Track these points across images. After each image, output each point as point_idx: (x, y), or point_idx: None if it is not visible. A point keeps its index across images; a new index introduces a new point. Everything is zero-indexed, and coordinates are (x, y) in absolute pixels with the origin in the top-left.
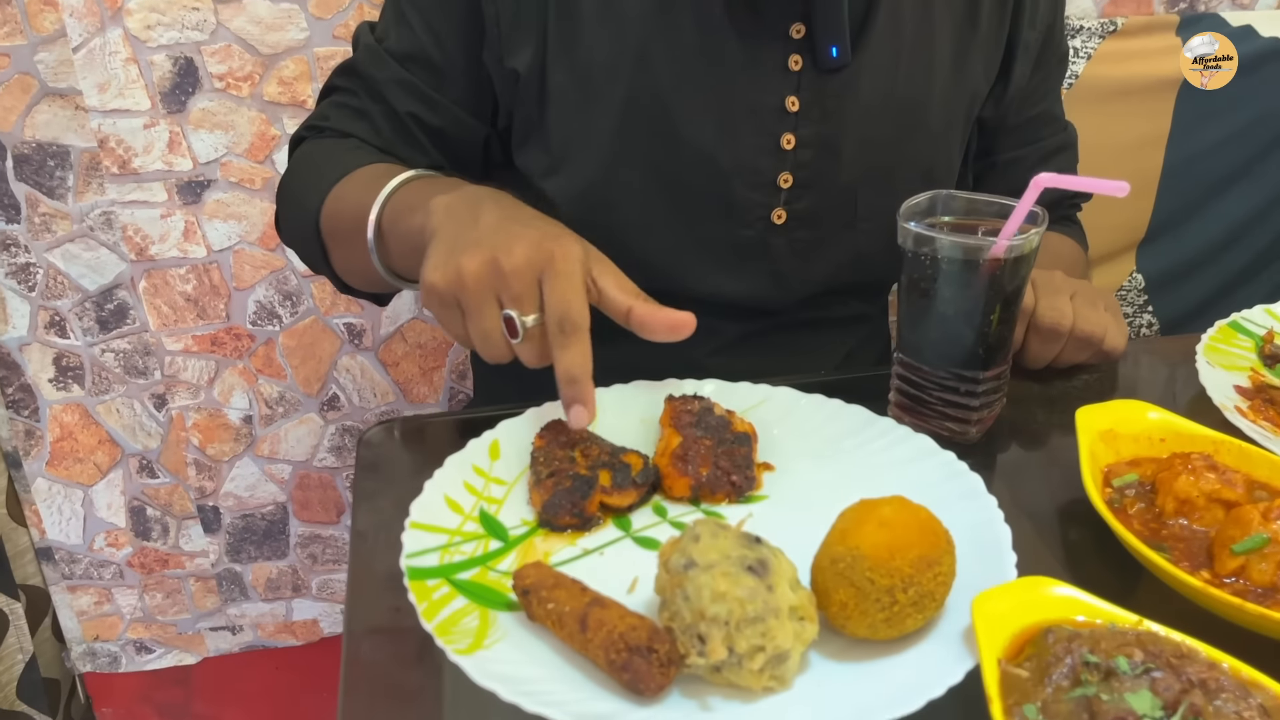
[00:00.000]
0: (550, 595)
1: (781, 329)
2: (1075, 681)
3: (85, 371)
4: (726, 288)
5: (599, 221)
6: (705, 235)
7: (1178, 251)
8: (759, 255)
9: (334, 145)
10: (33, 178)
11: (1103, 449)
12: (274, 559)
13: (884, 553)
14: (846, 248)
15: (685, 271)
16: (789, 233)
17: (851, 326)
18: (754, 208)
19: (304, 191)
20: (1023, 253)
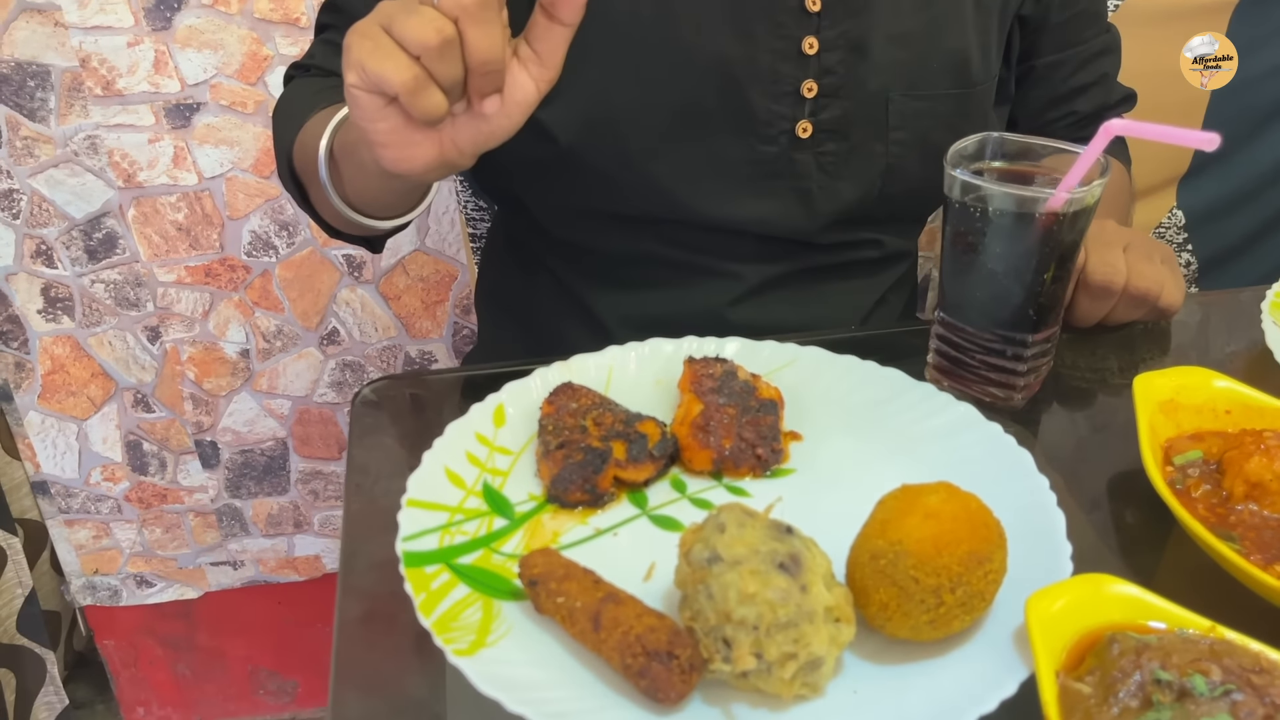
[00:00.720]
0: (560, 588)
1: (808, 275)
2: (1145, 702)
3: (75, 303)
4: (749, 211)
5: (605, 148)
6: (723, 155)
7: (1221, 186)
8: (783, 173)
9: (312, 84)
10: (12, 99)
11: (1163, 421)
12: (274, 495)
13: (930, 548)
14: (877, 162)
15: (703, 195)
16: (815, 147)
17: (882, 271)
18: (776, 121)
19: (281, 132)
20: (1083, 205)
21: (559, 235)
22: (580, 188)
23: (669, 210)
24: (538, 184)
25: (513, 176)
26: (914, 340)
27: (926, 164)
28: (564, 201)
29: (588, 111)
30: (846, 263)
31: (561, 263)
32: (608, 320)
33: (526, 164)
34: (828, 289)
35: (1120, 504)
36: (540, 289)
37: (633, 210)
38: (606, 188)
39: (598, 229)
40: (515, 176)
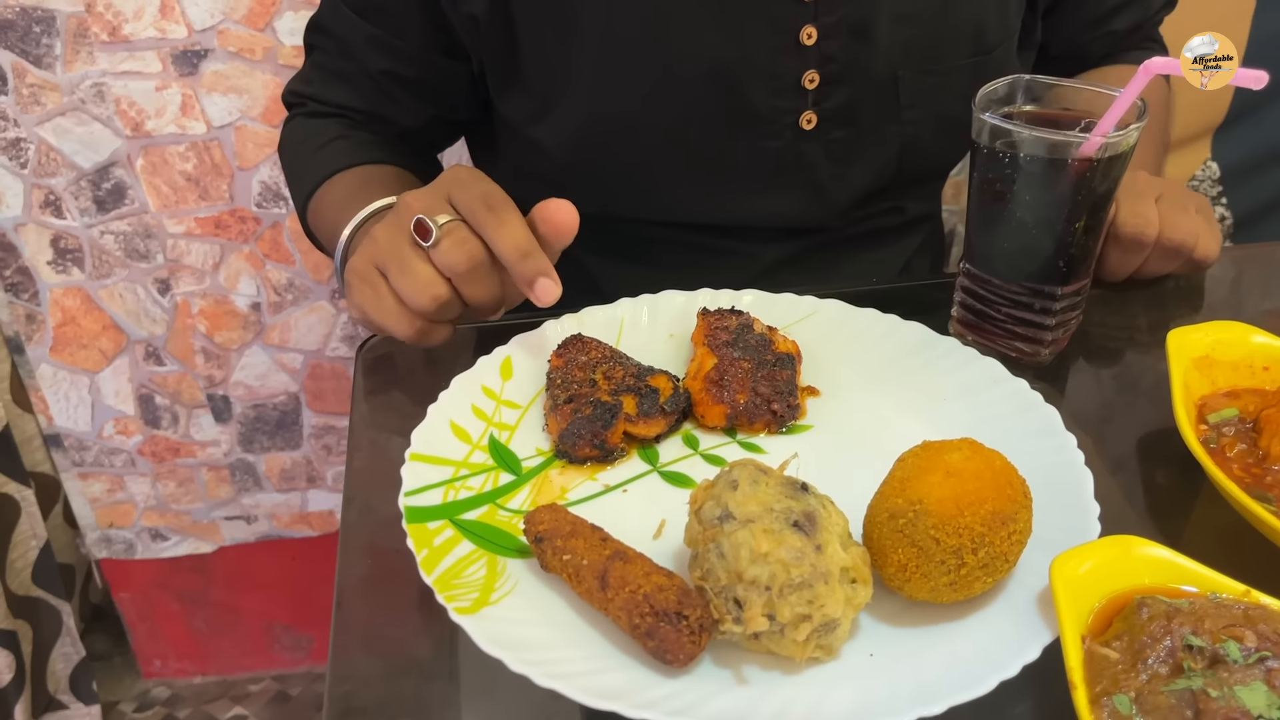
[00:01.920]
0: (566, 545)
1: (827, 247)
2: (1175, 668)
3: (85, 254)
4: (759, 209)
5: (602, 161)
6: (725, 156)
7: (1259, 138)
8: (791, 167)
9: (317, 129)
10: (18, 45)
11: (1197, 378)
12: (287, 449)
13: (951, 508)
14: (891, 143)
15: (708, 199)
16: (823, 136)
17: (905, 235)
18: (779, 116)
19: (293, 179)
20: (1118, 151)
21: None
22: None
23: (674, 216)
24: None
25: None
26: (938, 294)
27: (944, 135)
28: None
29: (581, 128)
30: (867, 232)
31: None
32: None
33: (521, 169)
34: (849, 260)
35: (1151, 464)
36: None
37: (637, 214)
38: (609, 198)
39: (606, 229)
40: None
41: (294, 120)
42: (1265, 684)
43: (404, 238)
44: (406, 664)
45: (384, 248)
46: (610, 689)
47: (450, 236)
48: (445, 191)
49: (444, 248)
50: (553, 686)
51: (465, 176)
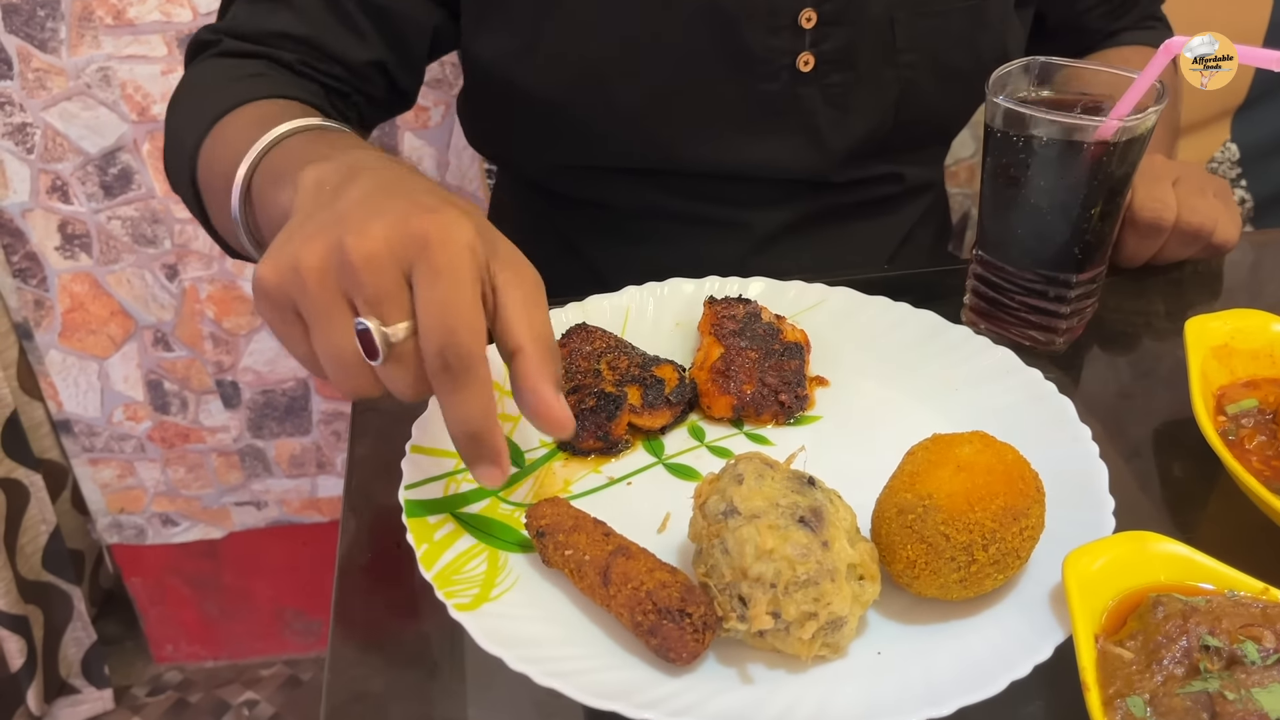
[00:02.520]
0: (568, 540)
1: (827, 218)
2: (1192, 670)
3: (92, 239)
4: (754, 155)
5: (591, 103)
6: (720, 98)
7: (1278, 120)
8: (787, 111)
9: (229, 67)
10: (23, 29)
11: (1215, 367)
12: (297, 435)
13: (961, 503)
14: (889, 89)
15: (702, 143)
16: (820, 79)
17: (906, 205)
18: (775, 56)
19: (183, 125)
20: (1136, 134)
21: (560, 193)
22: (572, 145)
23: (668, 161)
24: (528, 144)
25: (499, 134)
26: (950, 280)
27: (943, 85)
28: (559, 160)
29: (568, 67)
30: (866, 200)
31: (566, 222)
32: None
33: (510, 122)
34: (849, 230)
35: (1167, 456)
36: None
37: (631, 163)
38: (599, 143)
39: (598, 184)
40: (502, 135)
41: (198, 64)
42: None
43: (333, 283)
44: (406, 656)
45: (309, 290)
46: (611, 688)
47: (399, 365)
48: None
49: (388, 374)
50: (552, 685)
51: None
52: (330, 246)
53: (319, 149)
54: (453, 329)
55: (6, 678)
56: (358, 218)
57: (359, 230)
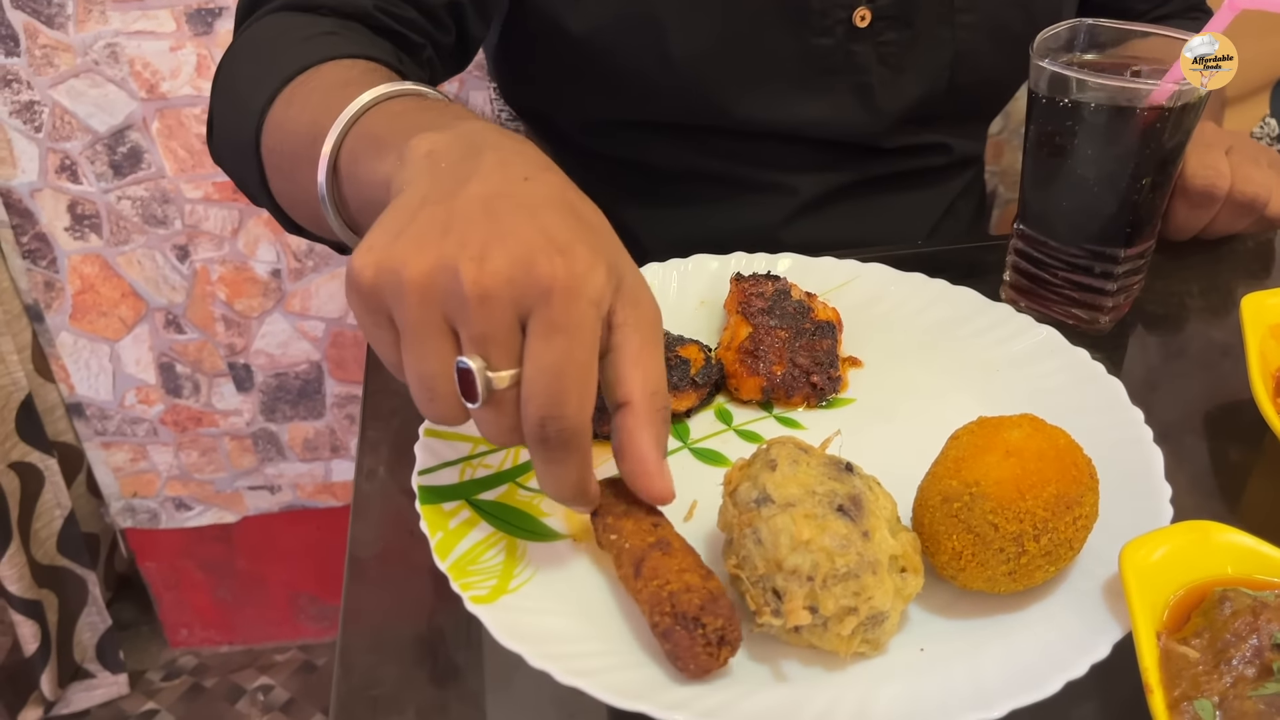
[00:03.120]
0: (616, 524)
1: (870, 186)
2: (1264, 670)
3: (102, 220)
4: (803, 113)
5: (642, 49)
6: (774, 51)
7: None
8: (840, 68)
9: (300, 23)
10: (30, 5)
11: (1274, 346)
12: (310, 419)
13: (1011, 491)
14: (943, 51)
15: (752, 98)
16: (875, 37)
17: (951, 179)
18: (832, 9)
19: (246, 88)
20: (1192, 99)
21: (592, 149)
22: (615, 95)
23: (714, 116)
24: (568, 93)
25: (539, 87)
26: (988, 256)
27: (999, 48)
28: (597, 112)
29: (624, 6)
30: (913, 170)
31: (596, 181)
32: (648, 243)
33: (555, 72)
34: (891, 200)
35: (1223, 440)
36: None
37: (673, 118)
38: (644, 94)
39: (634, 141)
40: (542, 87)
41: (260, 20)
42: None
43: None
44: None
45: (410, 305)
46: (636, 687)
47: (496, 411)
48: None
49: (482, 418)
50: (575, 684)
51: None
52: (443, 266)
53: (427, 116)
54: (560, 400)
55: (21, 662)
56: (478, 238)
57: (479, 259)
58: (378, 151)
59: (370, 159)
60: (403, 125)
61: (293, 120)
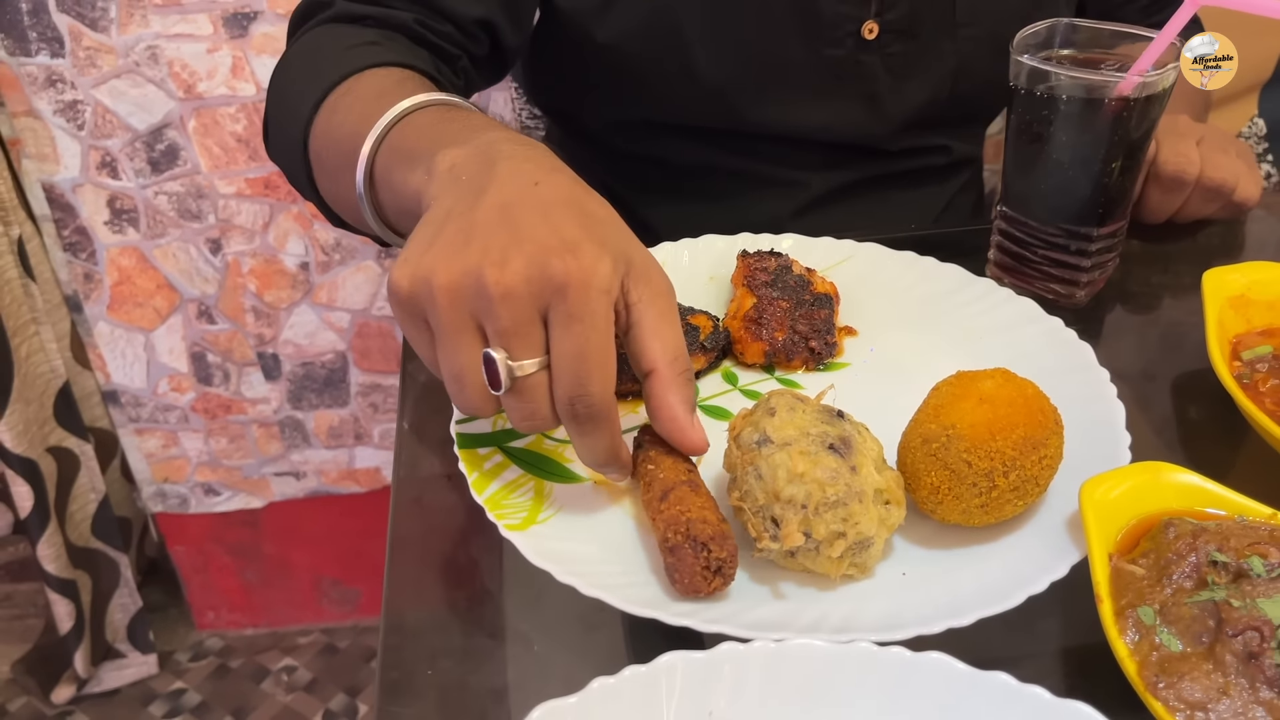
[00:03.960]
0: (658, 457)
1: (875, 183)
2: (1200, 583)
3: (140, 214)
4: (814, 118)
5: (666, 56)
6: (788, 59)
7: None
8: (850, 77)
9: (344, 33)
10: (74, 9)
11: (1232, 317)
12: (335, 407)
13: (983, 432)
14: (947, 61)
15: (766, 103)
16: (883, 48)
17: (951, 177)
18: (842, 22)
19: (296, 94)
20: (1156, 91)
21: (613, 147)
22: (638, 98)
23: (731, 120)
24: (592, 96)
25: (566, 90)
26: (974, 238)
27: (999, 59)
28: (619, 114)
29: (649, 18)
30: (914, 170)
31: (615, 176)
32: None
33: (580, 77)
34: (894, 196)
35: (1185, 400)
36: None
37: (693, 120)
38: (666, 98)
39: (655, 140)
40: (569, 90)
41: (311, 30)
42: None
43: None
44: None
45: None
46: (650, 600)
47: (520, 399)
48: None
49: (508, 404)
50: (598, 595)
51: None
52: (467, 271)
53: (451, 128)
54: (584, 380)
55: (56, 640)
56: (498, 245)
57: (499, 263)
58: (408, 165)
59: (401, 171)
60: (430, 138)
61: (335, 128)
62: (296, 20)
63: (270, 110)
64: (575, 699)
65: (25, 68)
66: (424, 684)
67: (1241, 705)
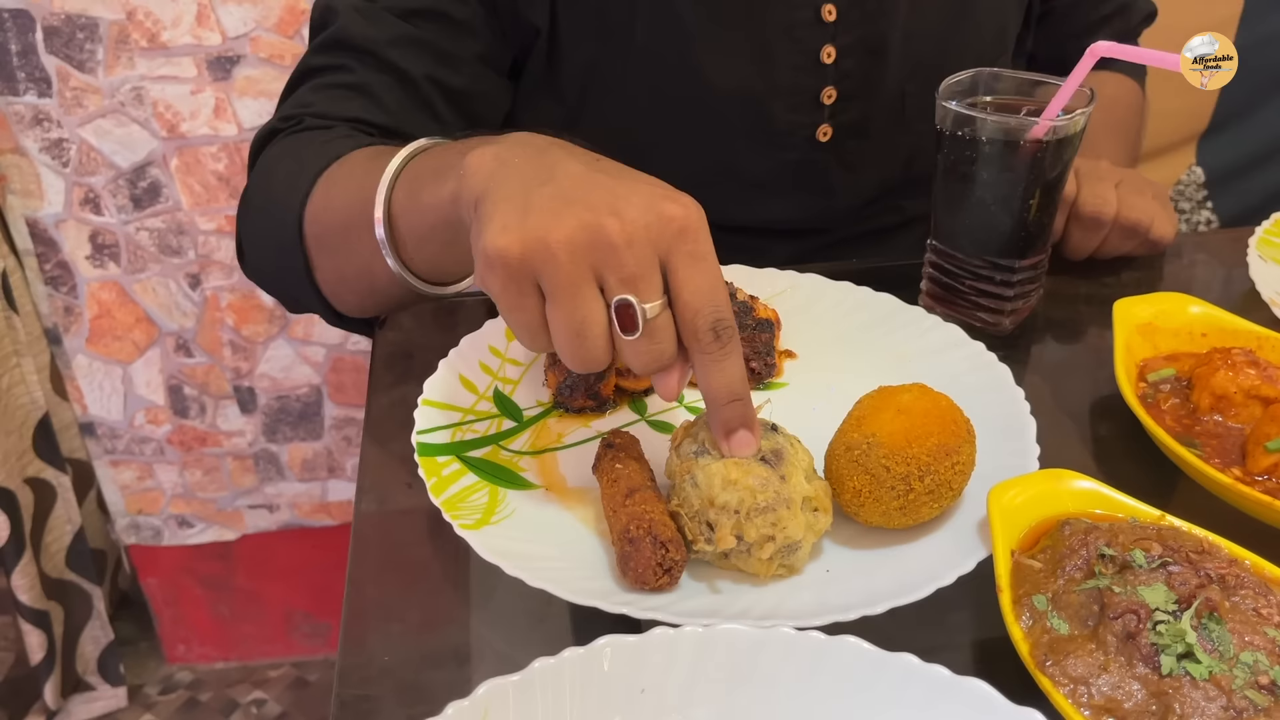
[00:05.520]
0: (625, 460)
1: (832, 246)
2: (1089, 573)
3: (121, 249)
4: (773, 213)
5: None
6: (747, 164)
7: (1242, 144)
8: (806, 175)
9: (315, 135)
10: (62, 50)
11: (1140, 343)
12: (309, 440)
13: (900, 440)
14: (898, 152)
15: (727, 202)
16: (836, 147)
17: (905, 233)
18: (797, 129)
19: (279, 191)
20: (1067, 134)
21: None
22: None
23: None
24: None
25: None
26: (909, 271)
27: None
28: None
29: (611, 133)
30: (869, 231)
31: None
32: None
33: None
34: (852, 254)
35: (1099, 419)
36: None
37: None
38: None
39: None
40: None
41: (276, 143)
42: (1165, 585)
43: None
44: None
45: (562, 264)
46: (592, 591)
47: (655, 338)
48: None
49: (635, 348)
50: (542, 587)
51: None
52: (585, 225)
53: (466, 145)
54: (721, 306)
55: (27, 672)
56: (603, 201)
57: (616, 214)
58: (436, 178)
59: (431, 186)
60: (451, 155)
61: (336, 198)
62: (257, 145)
63: (247, 229)
64: (518, 677)
65: (13, 107)
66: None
67: (1119, 679)
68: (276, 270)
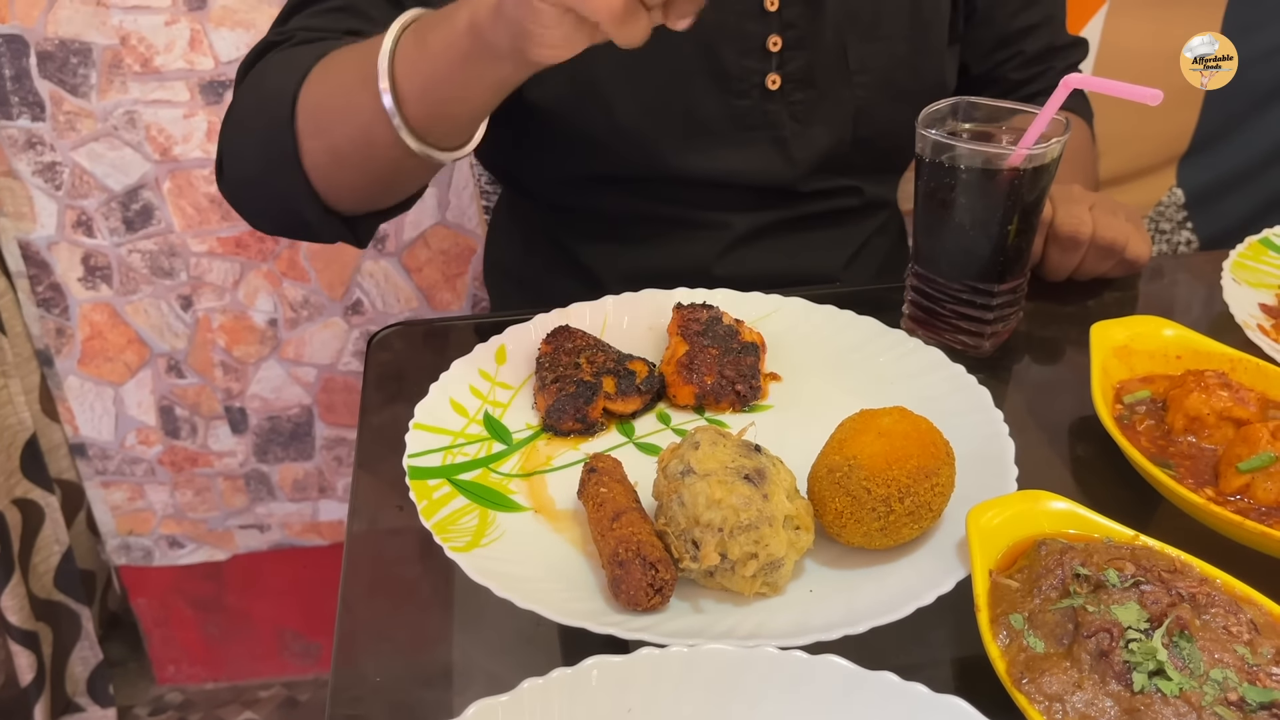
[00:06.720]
0: (609, 484)
1: (794, 224)
2: (1064, 593)
3: (113, 271)
4: (729, 163)
5: (591, 116)
6: (701, 111)
7: (1220, 166)
8: (758, 125)
9: (309, 47)
10: (56, 75)
11: (1116, 365)
12: (300, 460)
13: (881, 462)
14: (846, 106)
15: (686, 152)
16: (786, 97)
17: (865, 219)
18: (748, 75)
19: (271, 84)
20: (1043, 162)
21: (554, 202)
22: (570, 155)
23: (655, 169)
24: (529, 154)
25: (506, 150)
26: (892, 295)
27: (893, 103)
28: (556, 171)
29: (569, 82)
30: (829, 211)
31: (558, 227)
32: (603, 277)
33: (517, 135)
34: (812, 237)
35: (1077, 440)
36: (540, 254)
37: (621, 172)
38: (595, 153)
39: (590, 192)
40: (508, 150)
41: (270, 54)
42: (1138, 604)
43: None
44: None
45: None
46: (580, 612)
47: None
48: None
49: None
50: (531, 608)
51: None
52: None
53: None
54: None
55: (16, 693)
56: None
57: None
58: (444, 21)
59: (439, 29)
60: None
61: (334, 72)
62: (250, 60)
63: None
64: (507, 697)
65: (6, 130)
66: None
67: (1093, 696)
68: (261, 168)
